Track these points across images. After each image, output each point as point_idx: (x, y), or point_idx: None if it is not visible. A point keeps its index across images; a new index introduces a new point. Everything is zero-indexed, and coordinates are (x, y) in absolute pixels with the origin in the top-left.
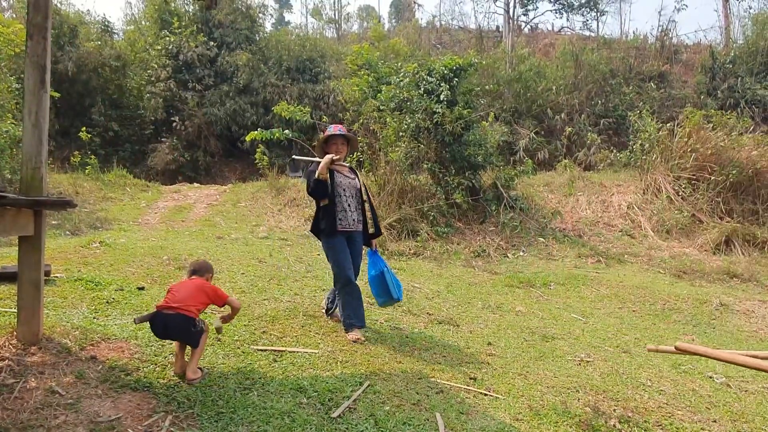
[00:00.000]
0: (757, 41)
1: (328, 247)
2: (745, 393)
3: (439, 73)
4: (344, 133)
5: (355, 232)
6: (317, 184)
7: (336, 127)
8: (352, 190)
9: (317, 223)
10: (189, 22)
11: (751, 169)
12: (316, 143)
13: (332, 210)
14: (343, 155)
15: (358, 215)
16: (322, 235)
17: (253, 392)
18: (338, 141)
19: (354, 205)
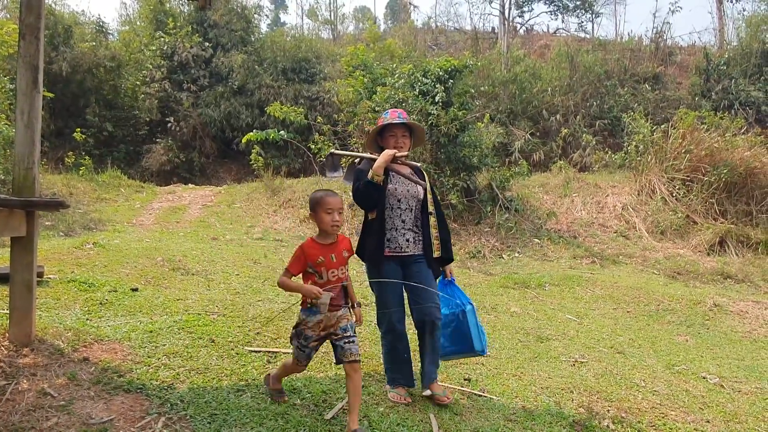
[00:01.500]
0: (751, 43)
1: (371, 271)
2: (738, 393)
3: (434, 74)
4: (406, 121)
5: (411, 257)
6: (369, 189)
7: (395, 112)
8: (412, 201)
9: (362, 244)
10: (184, 23)
11: (744, 170)
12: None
13: (379, 227)
14: (405, 152)
15: (416, 234)
16: (367, 261)
17: (247, 394)
18: (398, 132)
19: (411, 220)
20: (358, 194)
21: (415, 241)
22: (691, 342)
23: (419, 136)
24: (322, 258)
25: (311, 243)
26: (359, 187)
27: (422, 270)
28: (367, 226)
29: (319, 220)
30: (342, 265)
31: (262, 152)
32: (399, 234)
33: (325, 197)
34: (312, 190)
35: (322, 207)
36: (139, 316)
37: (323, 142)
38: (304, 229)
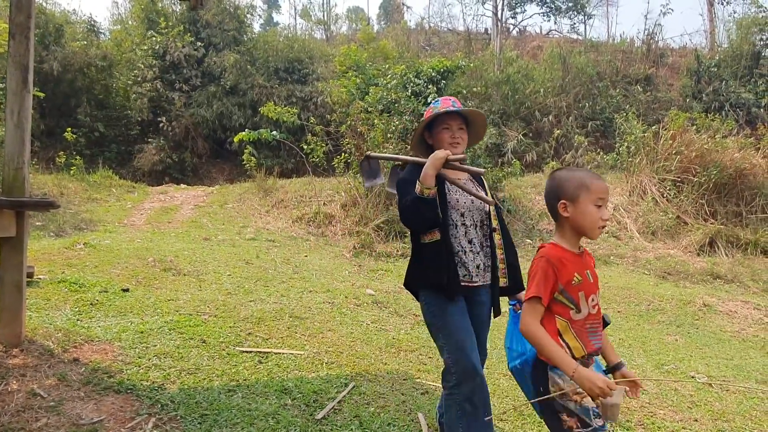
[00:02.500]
0: (741, 45)
1: (435, 315)
2: (726, 392)
3: (427, 75)
4: (461, 109)
5: (480, 288)
6: (420, 206)
7: (447, 100)
8: (477, 215)
9: (416, 273)
10: (176, 23)
11: (734, 171)
12: (414, 132)
13: (443, 250)
14: (462, 149)
15: (486, 258)
16: (425, 294)
17: (238, 394)
18: (453, 124)
19: (479, 239)
20: (407, 213)
21: (484, 267)
22: (681, 341)
23: (478, 129)
24: (579, 277)
25: (560, 251)
26: (407, 204)
27: (484, 313)
28: (425, 250)
29: (580, 214)
30: (598, 289)
31: (255, 152)
32: (469, 257)
33: (593, 181)
34: (305, 190)
35: (590, 194)
36: (130, 316)
37: (316, 143)
38: (296, 229)
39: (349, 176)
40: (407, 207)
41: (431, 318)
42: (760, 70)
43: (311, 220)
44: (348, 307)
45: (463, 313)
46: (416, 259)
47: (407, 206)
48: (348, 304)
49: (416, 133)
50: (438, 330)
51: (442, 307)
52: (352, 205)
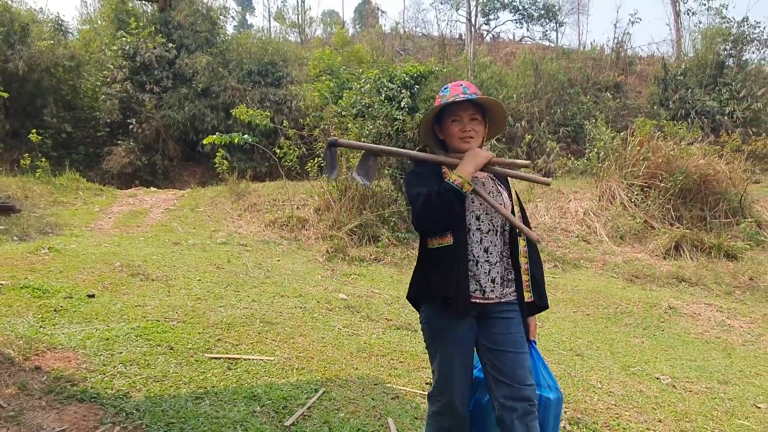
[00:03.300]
0: (706, 55)
1: (431, 338)
2: (689, 393)
3: (400, 79)
4: (472, 97)
5: (495, 307)
6: (453, 199)
7: (457, 86)
8: (498, 219)
9: (420, 283)
10: (147, 23)
11: (699, 177)
12: (420, 122)
13: (456, 256)
14: (477, 144)
15: (506, 270)
16: (426, 308)
17: (206, 401)
18: (463, 115)
19: (499, 248)
20: (430, 207)
21: (503, 281)
22: (647, 343)
23: (497, 119)
24: None
25: None
26: (432, 196)
27: (512, 329)
28: (432, 257)
29: None
30: None
31: (228, 155)
32: (480, 270)
33: None
34: (278, 194)
35: None
36: (95, 323)
37: (289, 147)
38: (269, 234)
39: (322, 180)
40: (433, 201)
41: (426, 340)
42: (724, 79)
43: (284, 224)
44: (320, 312)
45: (463, 340)
46: (421, 268)
47: (433, 201)
48: (320, 309)
49: (423, 126)
50: (431, 355)
51: (440, 329)
52: (325, 209)
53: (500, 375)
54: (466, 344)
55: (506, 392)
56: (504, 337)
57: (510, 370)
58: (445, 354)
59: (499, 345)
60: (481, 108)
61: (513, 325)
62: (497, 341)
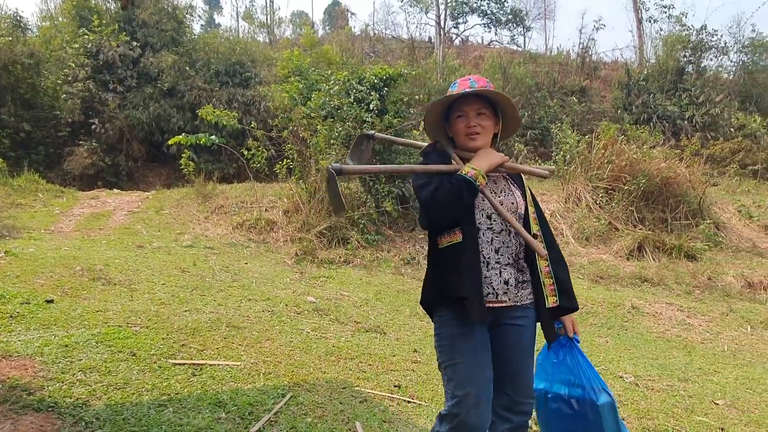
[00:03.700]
0: (667, 61)
1: (445, 351)
2: (651, 391)
3: (369, 81)
4: (477, 90)
5: (509, 311)
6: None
7: (465, 81)
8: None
9: (432, 286)
10: (110, 21)
11: (660, 180)
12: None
13: (466, 254)
14: (484, 142)
15: (520, 272)
16: (439, 315)
17: (169, 409)
18: (469, 111)
19: (512, 249)
20: (439, 195)
21: (517, 283)
22: (611, 343)
23: (511, 114)
24: None
25: None
26: (444, 184)
27: (523, 339)
28: (442, 257)
29: None
30: None
31: (195, 157)
32: (492, 272)
33: None
34: (246, 196)
35: None
36: (54, 329)
37: (257, 148)
38: (237, 236)
39: (291, 182)
40: (441, 189)
41: (439, 353)
42: (684, 85)
43: (252, 226)
44: (288, 316)
45: (480, 350)
46: (432, 270)
47: (441, 188)
48: (288, 312)
49: (427, 123)
50: (445, 371)
51: (454, 339)
52: (294, 212)
53: (502, 385)
54: (482, 357)
55: (505, 403)
56: (513, 346)
57: (513, 381)
58: (461, 369)
59: (507, 354)
60: (491, 103)
61: (524, 334)
62: (505, 349)
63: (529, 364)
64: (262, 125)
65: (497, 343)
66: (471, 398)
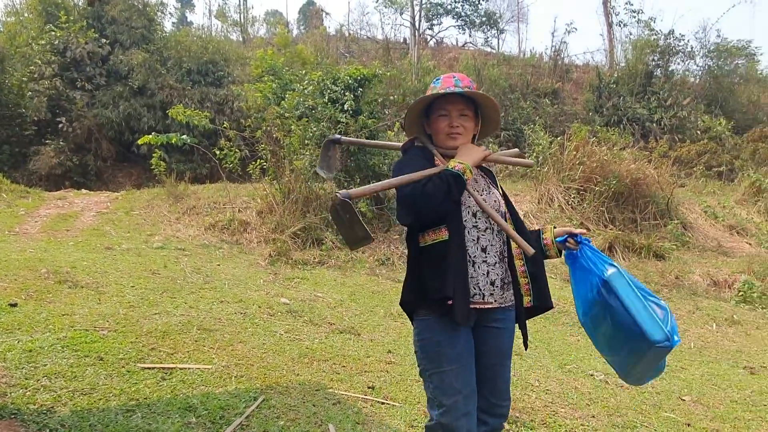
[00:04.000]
0: (637, 65)
1: (429, 357)
2: (620, 388)
3: (344, 82)
4: (462, 90)
5: (495, 311)
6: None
7: (449, 78)
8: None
9: (413, 287)
10: (78, 17)
11: (630, 181)
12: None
13: (453, 253)
14: (464, 142)
15: (505, 271)
16: (421, 318)
17: (137, 414)
18: (452, 109)
19: (497, 248)
20: (429, 192)
21: (503, 284)
22: (582, 342)
23: (491, 116)
24: None
25: None
26: (429, 182)
27: (503, 341)
28: (426, 255)
29: None
30: None
31: (166, 156)
32: (479, 272)
33: None
34: (219, 197)
35: None
36: (18, 334)
37: (229, 148)
38: (209, 237)
39: (265, 182)
40: (431, 185)
41: (423, 360)
42: (653, 88)
43: (225, 227)
44: (261, 317)
45: (465, 356)
46: (414, 268)
47: (431, 184)
48: (261, 314)
49: (409, 117)
50: (430, 379)
51: (440, 346)
52: (268, 212)
53: (480, 387)
54: (467, 362)
55: (483, 405)
56: (494, 349)
57: (491, 383)
58: (448, 378)
59: (486, 357)
60: (473, 103)
61: (504, 336)
62: (485, 352)
63: (508, 366)
64: (236, 125)
65: (478, 346)
66: (460, 407)
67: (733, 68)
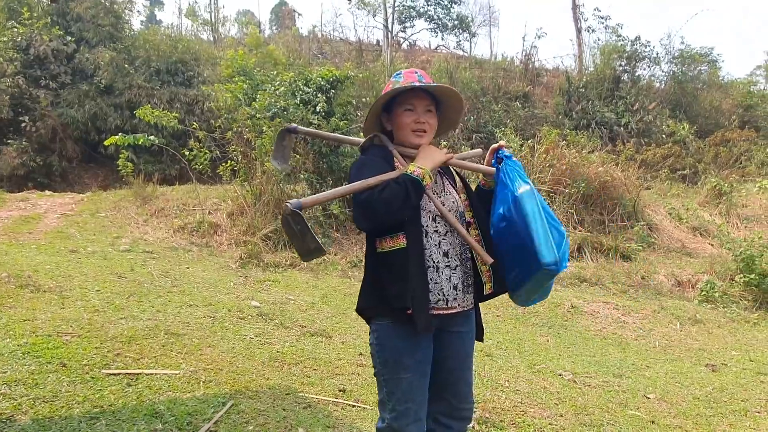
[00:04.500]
0: (604, 69)
1: (386, 363)
2: (588, 387)
3: (316, 83)
4: (429, 85)
5: (458, 316)
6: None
7: (411, 73)
8: (455, 217)
9: (371, 294)
10: (42, 14)
11: (598, 183)
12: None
13: (411, 260)
14: (429, 139)
15: (466, 274)
16: (379, 324)
17: (101, 421)
18: (418, 105)
19: (458, 250)
20: (384, 198)
21: (464, 287)
22: (551, 342)
23: (452, 114)
24: None
25: None
26: (385, 188)
27: (465, 345)
28: (383, 262)
29: None
30: None
31: (134, 157)
32: (442, 277)
33: None
34: (188, 198)
35: None
36: None
37: (199, 149)
38: (178, 240)
39: (236, 184)
40: (388, 191)
41: (380, 365)
42: (620, 93)
43: (195, 229)
44: (231, 321)
45: (424, 364)
46: (371, 275)
47: (388, 190)
48: (231, 318)
49: (370, 115)
50: (386, 383)
51: (397, 353)
52: (239, 214)
53: (443, 391)
54: (425, 370)
55: (446, 410)
56: (456, 354)
57: (454, 387)
58: (404, 384)
59: (449, 362)
60: (436, 100)
61: (467, 340)
62: (448, 357)
63: (470, 369)
64: (206, 125)
65: (440, 351)
66: (412, 413)
67: (697, 74)
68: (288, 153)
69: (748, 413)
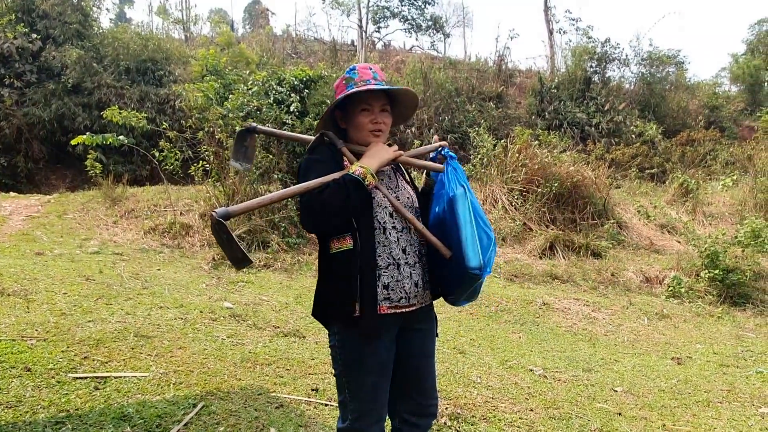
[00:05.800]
0: (576, 71)
1: (346, 365)
2: (558, 382)
3: (289, 83)
4: (387, 88)
5: (416, 314)
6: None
7: (366, 70)
8: (411, 213)
9: (324, 296)
10: (6, 11)
11: (569, 182)
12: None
13: (357, 263)
14: (385, 138)
15: (424, 270)
16: (337, 327)
17: (68, 426)
18: (375, 105)
19: (416, 247)
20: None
21: (424, 283)
22: (523, 338)
23: (405, 110)
24: None
25: None
26: (327, 188)
27: (427, 342)
28: (333, 264)
29: None
30: None
31: (103, 158)
32: (404, 274)
33: None
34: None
35: None
36: None
37: (170, 149)
38: (149, 241)
39: (208, 184)
40: (328, 191)
41: (341, 366)
42: (591, 94)
43: (166, 231)
44: (203, 323)
45: (385, 365)
46: (324, 278)
47: (328, 191)
48: (203, 319)
49: (325, 114)
50: (347, 385)
51: (359, 356)
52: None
53: (408, 390)
54: (388, 370)
55: (413, 408)
56: (419, 352)
57: (419, 385)
58: (367, 386)
59: (413, 360)
60: (390, 98)
61: (429, 337)
62: (412, 355)
63: (433, 365)
64: (178, 125)
65: (403, 349)
66: (374, 414)
67: (664, 75)
68: (251, 153)
69: (711, 404)
